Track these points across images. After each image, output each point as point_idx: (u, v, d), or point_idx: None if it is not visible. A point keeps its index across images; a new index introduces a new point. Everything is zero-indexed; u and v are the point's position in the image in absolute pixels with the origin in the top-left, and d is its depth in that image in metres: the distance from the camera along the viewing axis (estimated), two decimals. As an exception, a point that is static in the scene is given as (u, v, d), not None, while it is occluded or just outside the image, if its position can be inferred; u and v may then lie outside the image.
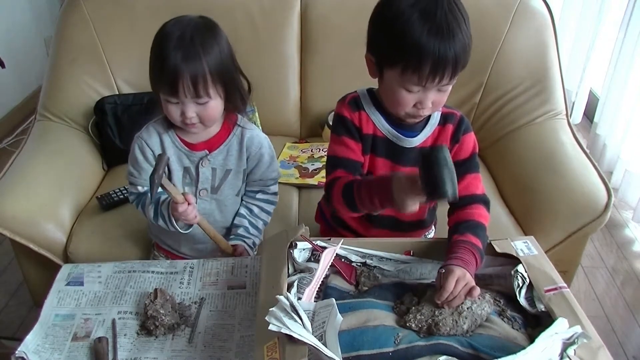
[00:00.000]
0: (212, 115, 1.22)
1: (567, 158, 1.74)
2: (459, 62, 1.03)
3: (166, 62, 1.14)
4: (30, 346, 1.07)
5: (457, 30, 1.01)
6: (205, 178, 1.33)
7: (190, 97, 1.17)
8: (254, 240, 1.40)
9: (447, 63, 1.01)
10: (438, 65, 1.01)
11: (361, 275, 1.13)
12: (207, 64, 1.16)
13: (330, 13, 1.97)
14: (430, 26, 1.00)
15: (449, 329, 0.97)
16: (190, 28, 1.16)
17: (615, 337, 1.94)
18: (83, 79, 1.93)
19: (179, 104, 1.19)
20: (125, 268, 1.28)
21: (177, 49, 1.14)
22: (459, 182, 1.16)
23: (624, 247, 2.37)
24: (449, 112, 1.20)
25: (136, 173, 1.32)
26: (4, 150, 2.89)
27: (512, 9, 1.91)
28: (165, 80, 1.15)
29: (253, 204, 1.42)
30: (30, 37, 3.29)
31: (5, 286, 2.13)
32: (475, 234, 1.10)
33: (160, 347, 1.09)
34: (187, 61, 1.14)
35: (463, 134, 1.19)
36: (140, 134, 1.30)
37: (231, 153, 1.33)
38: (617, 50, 2.60)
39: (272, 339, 0.90)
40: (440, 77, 1.03)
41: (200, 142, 1.31)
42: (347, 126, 1.19)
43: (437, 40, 1.00)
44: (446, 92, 1.09)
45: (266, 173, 1.39)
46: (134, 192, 1.35)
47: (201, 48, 1.15)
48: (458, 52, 1.02)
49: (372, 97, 1.20)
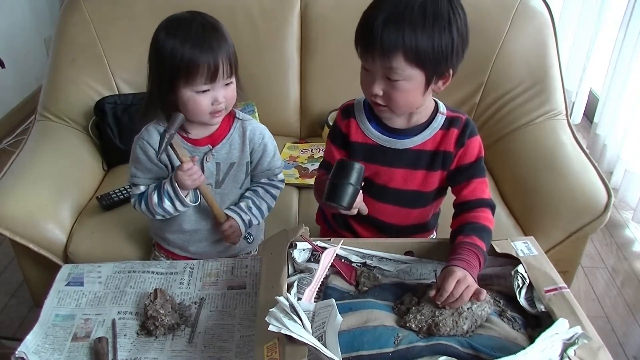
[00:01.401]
0: (234, 96, 1.26)
1: (567, 158, 1.74)
2: (387, 51, 1.02)
3: (204, 56, 1.16)
4: (30, 346, 1.07)
5: (403, 21, 1.00)
6: (210, 173, 1.34)
7: (227, 77, 1.21)
8: (251, 219, 1.39)
9: (373, 45, 1.03)
10: (367, 44, 1.05)
11: (361, 275, 1.13)
12: (229, 43, 1.21)
13: (330, 13, 1.97)
14: (381, 9, 1.03)
15: (449, 330, 0.96)
16: (201, 20, 1.20)
17: (615, 337, 1.94)
18: (83, 79, 1.93)
19: (208, 91, 1.21)
20: (125, 268, 1.28)
21: (203, 41, 1.17)
22: (464, 187, 1.18)
23: (624, 247, 2.37)
24: (454, 115, 1.19)
25: (139, 173, 1.32)
26: (4, 150, 2.90)
27: (512, 9, 1.91)
28: (203, 72, 1.17)
29: (258, 186, 1.43)
30: (30, 37, 3.29)
31: (5, 286, 2.13)
32: (481, 237, 1.09)
33: (160, 347, 1.09)
34: (220, 45, 1.18)
35: (468, 138, 1.18)
36: (140, 135, 1.30)
37: (234, 146, 1.34)
38: (617, 50, 2.60)
39: (272, 339, 0.90)
40: (371, 58, 1.05)
41: (203, 137, 1.32)
42: (335, 133, 1.25)
43: (375, 20, 1.02)
44: (398, 89, 1.06)
45: (272, 162, 1.40)
46: (136, 194, 1.34)
47: (222, 32, 1.21)
48: (388, 41, 1.01)
49: (366, 105, 1.20)
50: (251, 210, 1.39)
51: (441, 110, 1.19)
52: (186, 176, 1.25)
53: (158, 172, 1.31)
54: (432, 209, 1.31)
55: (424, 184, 1.22)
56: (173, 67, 1.18)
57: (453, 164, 1.19)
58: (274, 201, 1.45)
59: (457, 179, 1.20)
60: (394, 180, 1.22)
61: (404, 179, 1.22)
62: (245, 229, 1.38)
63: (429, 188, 1.23)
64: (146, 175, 1.32)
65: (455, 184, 1.20)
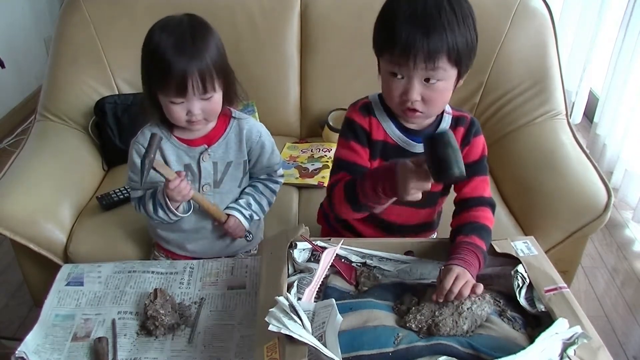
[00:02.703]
0: (215, 109, 1.25)
1: (567, 158, 1.74)
2: (433, 53, 1.01)
3: (172, 66, 1.14)
4: (30, 346, 1.07)
5: (440, 22, 1.01)
6: (207, 173, 1.34)
7: (199, 94, 1.18)
8: (252, 213, 1.39)
9: (416, 49, 1.01)
10: (406, 49, 1.02)
11: (361, 275, 1.13)
12: (210, 59, 1.18)
13: (330, 13, 1.97)
14: (411, 12, 1.02)
15: (449, 330, 0.96)
16: (184, 28, 1.18)
17: (615, 337, 1.94)
18: (83, 79, 1.93)
19: (183, 103, 1.20)
20: (125, 268, 1.28)
21: (179, 51, 1.15)
22: (466, 184, 1.17)
23: (624, 247, 2.37)
24: (460, 115, 1.20)
25: (136, 178, 1.31)
26: (4, 150, 2.90)
27: (512, 9, 1.91)
28: (173, 83, 1.16)
29: (257, 182, 1.43)
30: (30, 37, 3.29)
31: (5, 286, 2.13)
32: (480, 236, 1.10)
33: (160, 347, 1.09)
34: (193, 60, 1.16)
35: (474, 137, 1.19)
36: (136, 138, 1.31)
37: (230, 145, 1.34)
38: (617, 50, 2.59)
39: (272, 339, 0.90)
40: (413, 62, 1.02)
41: (199, 137, 1.32)
42: (356, 131, 1.19)
43: (410, 24, 1.01)
44: (437, 90, 1.07)
45: (271, 159, 1.40)
46: (135, 197, 1.35)
47: (202, 44, 1.18)
48: (434, 43, 1.01)
49: (383, 103, 1.19)
50: (251, 206, 1.40)
51: (447, 110, 1.20)
52: (174, 193, 1.25)
53: (155, 176, 1.30)
54: (437, 208, 1.32)
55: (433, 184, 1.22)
56: (149, 71, 1.19)
57: None
58: (274, 196, 1.45)
59: None
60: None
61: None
62: (248, 223, 1.39)
63: (437, 187, 1.23)
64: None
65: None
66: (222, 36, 1.25)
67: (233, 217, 1.37)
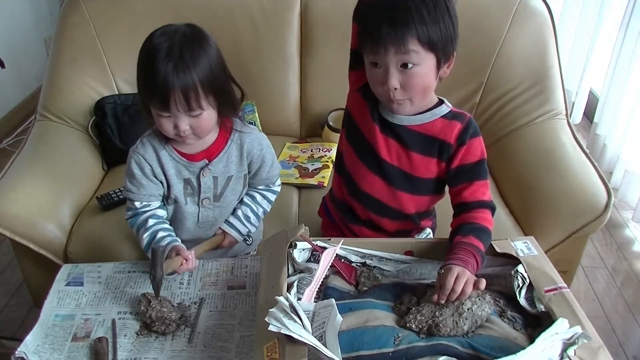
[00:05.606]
0: (205, 126, 1.20)
1: (567, 158, 1.74)
2: (400, 36, 1.04)
3: (156, 77, 1.10)
4: (30, 346, 1.07)
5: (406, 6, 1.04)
6: (207, 187, 1.31)
7: (183, 110, 1.14)
8: (250, 229, 1.39)
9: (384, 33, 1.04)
10: (374, 35, 1.05)
11: (361, 275, 1.13)
12: (197, 75, 1.12)
13: (330, 13, 1.97)
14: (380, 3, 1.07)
15: (449, 330, 0.96)
16: (178, 39, 1.13)
17: (615, 337, 1.94)
18: (83, 79, 1.93)
19: (171, 117, 1.16)
20: (125, 268, 1.28)
21: (166, 63, 1.10)
22: (465, 188, 1.18)
23: (624, 247, 2.37)
24: (458, 112, 1.20)
25: (134, 189, 1.28)
26: (4, 150, 2.89)
27: (512, 9, 1.91)
28: (156, 95, 1.13)
29: (255, 192, 1.41)
30: (30, 37, 3.29)
31: (5, 286, 2.13)
32: (478, 237, 1.09)
33: (160, 347, 1.09)
34: (178, 74, 1.10)
35: (470, 138, 1.18)
36: (135, 148, 1.26)
37: (231, 160, 1.31)
38: (617, 50, 2.59)
39: (272, 339, 0.90)
40: (383, 48, 1.05)
41: (199, 152, 1.27)
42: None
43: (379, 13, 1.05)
44: (414, 75, 1.08)
45: (270, 172, 1.38)
46: (131, 208, 1.30)
47: (191, 60, 1.12)
48: (400, 25, 1.03)
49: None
50: (249, 219, 1.38)
51: (447, 104, 1.20)
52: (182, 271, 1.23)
53: (153, 187, 1.28)
54: (421, 203, 1.28)
55: (415, 168, 1.21)
56: (139, 78, 1.17)
57: (454, 161, 1.18)
58: (271, 205, 1.44)
59: (458, 179, 1.19)
60: (384, 151, 1.21)
61: (397, 155, 1.21)
62: (243, 239, 1.39)
63: (421, 174, 1.22)
64: (141, 192, 1.27)
65: (456, 184, 1.19)
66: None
67: (229, 235, 1.36)
